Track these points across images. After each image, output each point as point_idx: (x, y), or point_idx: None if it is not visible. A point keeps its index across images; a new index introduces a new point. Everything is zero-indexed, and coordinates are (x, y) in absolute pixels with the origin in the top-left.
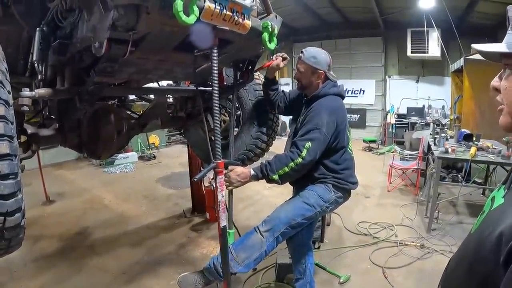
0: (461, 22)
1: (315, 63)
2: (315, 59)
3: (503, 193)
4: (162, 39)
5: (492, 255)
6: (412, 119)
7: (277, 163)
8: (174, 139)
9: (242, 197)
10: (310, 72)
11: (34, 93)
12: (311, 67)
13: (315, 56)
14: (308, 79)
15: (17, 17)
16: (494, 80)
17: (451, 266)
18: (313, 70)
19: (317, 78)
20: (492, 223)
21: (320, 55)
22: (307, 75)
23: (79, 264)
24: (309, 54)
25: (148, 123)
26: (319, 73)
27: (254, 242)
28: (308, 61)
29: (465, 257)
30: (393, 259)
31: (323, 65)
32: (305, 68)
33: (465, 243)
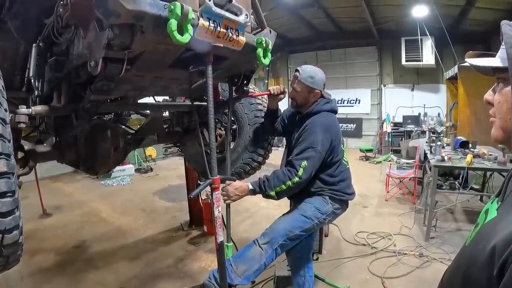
0: (454, 29)
1: (312, 83)
2: (312, 79)
3: (496, 206)
4: (157, 57)
5: (486, 269)
6: (408, 127)
7: (275, 181)
8: (171, 151)
9: (239, 210)
10: (306, 92)
11: (30, 110)
12: (308, 87)
13: (312, 76)
14: (304, 99)
15: (14, 33)
16: (488, 94)
17: (446, 278)
18: (310, 90)
19: (313, 97)
20: (485, 236)
21: (317, 75)
22: (303, 94)
23: (76, 278)
24: (306, 74)
25: (144, 139)
26: (315, 93)
27: (253, 254)
28: (306, 81)
29: (459, 269)
30: (392, 268)
31: (319, 85)
32: (302, 88)
33: (460, 256)
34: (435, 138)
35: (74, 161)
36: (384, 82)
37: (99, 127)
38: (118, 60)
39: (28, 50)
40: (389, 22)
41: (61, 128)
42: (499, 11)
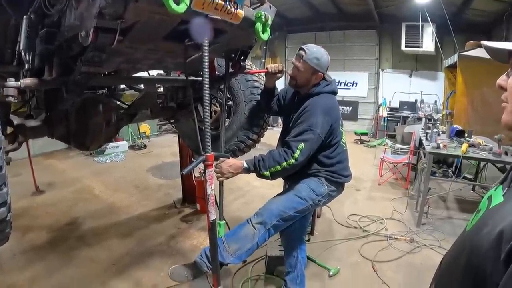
0: (456, 18)
1: (317, 65)
2: (318, 60)
3: (502, 192)
4: (152, 28)
5: (492, 252)
6: (404, 113)
7: (270, 161)
8: (165, 129)
9: (232, 188)
10: (309, 73)
11: (19, 83)
12: (312, 68)
13: (318, 58)
14: (306, 80)
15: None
16: (501, 79)
17: (445, 264)
18: (314, 71)
19: (315, 79)
20: (491, 220)
21: (323, 57)
22: (305, 75)
23: (69, 255)
24: (312, 54)
25: (137, 114)
26: (318, 75)
27: (246, 233)
28: (311, 62)
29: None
30: (383, 252)
31: (323, 68)
32: (305, 68)
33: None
34: (432, 125)
35: (65, 136)
36: (382, 67)
37: (90, 101)
38: (110, 30)
39: (19, 23)
40: (391, 6)
41: (52, 102)
42: (502, 2)
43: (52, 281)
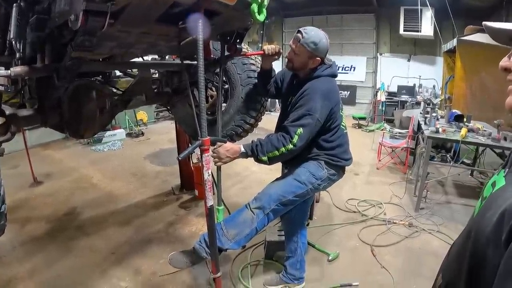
0: (455, 2)
1: (314, 50)
2: (315, 45)
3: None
4: (144, 10)
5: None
6: (403, 98)
7: (268, 145)
8: (162, 115)
9: (230, 174)
10: (306, 57)
11: (9, 71)
12: (309, 52)
13: (315, 42)
14: (302, 64)
15: None
16: (503, 60)
17: (454, 251)
18: (310, 55)
19: (312, 63)
20: (494, 203)
21: (321, 41)
22: (302, 59)
23: (68, 245)
24: (309, 38)
25: (132, 99)
26: (315, 60)
27: (245, 218)
28: (307, 46)
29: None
30: (382, 237)
31: (322, 52)
32: (301, 52)
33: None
34: (431, 109)
35: (58, 125)
36: (380, 51)
37: (83, 88)
38: (100, 13)
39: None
40: None
41: (44, 90)
42: None
43: (52, 271)
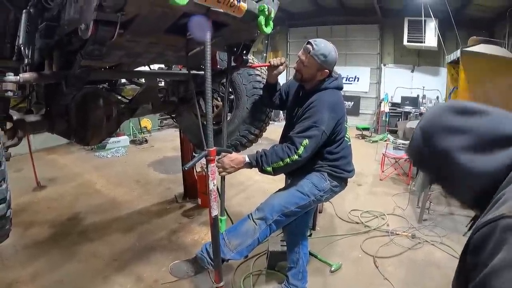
0: (459, 13)
1: (323, 62)
2: (325, 58)
3: None
4: (153, 21)
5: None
6: (406, 108)
7: (273, 156)
8: (166, 123)
9: (233, 183)
10: (314, 69)
11: (18, 77)
12: (318, 64)
13: (325, 55)
14: (311, 75)
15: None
16: None
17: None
18: (319, 67)
19: (320, 75)
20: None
21: (330, 53)
22: (310, 71)
23: (71, 251)
24: (319, 50)
25: (138, 108)
26: (324, 72)
27: (247, 229)
28: (317, 59)
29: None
30: (384, 248)
31: (330, 65)
32: (311, 64)
33: None
34: None
35: (65, 131)
36: (384, 62)
37: (91, 95)
38: (110, 23)
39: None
40: (394, 1)
41: (52, 97)
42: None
43: (54, 276)
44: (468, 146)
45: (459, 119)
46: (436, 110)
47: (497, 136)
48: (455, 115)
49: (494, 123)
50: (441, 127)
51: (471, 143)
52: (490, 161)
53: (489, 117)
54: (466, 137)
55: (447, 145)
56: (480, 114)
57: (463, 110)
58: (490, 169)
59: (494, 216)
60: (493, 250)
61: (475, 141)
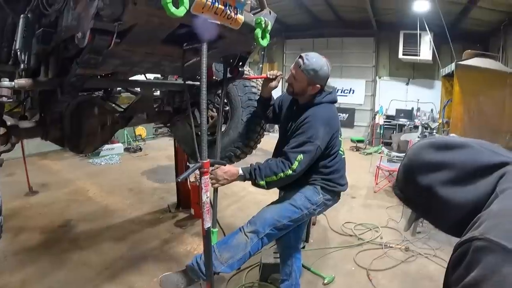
0: (454, 27)
1: (314, 77)
2: (315, 72)
3: None
4: (150, 31)
5: None
6: (401, 121)
7: (267, 170)
8: (161, 131)
9: (227, 193)
10: (305, 83)
11: (13, 83)
12: (309, 79)
13: (315, 70)
14: (302, 89)
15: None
16: None
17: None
18: (310, 82)
19: (311, 90)
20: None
21: (322, 69)
22: (301, 85)
23: (61, 258)
24: (309, 66)
25: (133, 117)
26: (315, 87)
27: (238, 242)
28: (307, 74)
29: None
30: (378, 261)
31: (321, 80)
32: (301, 78)
33: None
34: (428, 133)
35: (59, 139)
36: (379, 74)
37: (85, 103)
38: (107, 32)
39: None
40: (389, 14)
41: (46, 103)
42: (500, 13)
43: (43, 284)
44: (450, 180)
45: (439, 155)
46: (416, 148)
47: (478, 167)
48: (435, 151)
49: (474, 155)
50: (422, 164)
51: (452, 177)
52: (472, 191)
53: (469, 150)
54: (447, 171)
55: (429, 182)
56: (460, 147)
57: (443, 146)
58: (473, 198)
59: (468, 238)
60: (466, 269)
61: (457, 174)
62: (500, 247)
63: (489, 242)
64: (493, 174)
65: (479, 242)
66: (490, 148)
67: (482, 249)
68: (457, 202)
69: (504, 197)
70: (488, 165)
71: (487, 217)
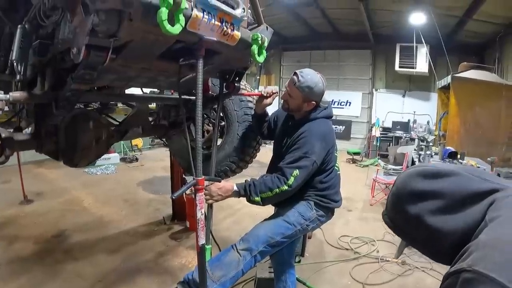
0: (450, 39)
1: (309, 94)
2: (310, 89)
3: None
4: (146, 47)
5: None
6: (397, 133)
7: (262, 186)
8: (157, 142)
9: (222, 206)
10: (300, 100)
11: (8, 96)
12: (303, 96)
13: (310, 87)
14: (297, 106)
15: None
16: None
17: None
18: (305, 99)
19: (307, 106)
20: None
21: (317, 86)
22: (296, 102)
23: (55, 269)
24: (304, 82)
25: (128, 131)
26: (310, 103)
27: (230, 260)
28: (302, 91)
29: None
30: (374, 275)
31: (317, 97)
32: (296, 95)
33: None
34: (424, 146)
35: (53, 152)
36: (376, 86)
37: (81, 117)
38: (102, 48)
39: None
40: (386, 27)
41: (41, 116)
42: (495, 25)
43: None
44: (439, 209)
45: (427, 184)
46: (405, 177)
47: (467, 194)
48: (423, 180)
49: (463, 182)
50: (410, 193)
51: (441, 206)
52: (462, 218)
53: (458, 177)
54: (436, 200)
55: (417, 211)
56: (448, 175)
57: (431, 174)
58: (463, 226)
59: (456, 269)
60: None
61: (446, 203)
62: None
63: (477, 274)
64: (482, 202)
65: (467, 274)
66: (479, 175)
67: (470, 281)
68: (446, 231)
69: (492, 226)
70: (477, 192)
71: (476, 248)
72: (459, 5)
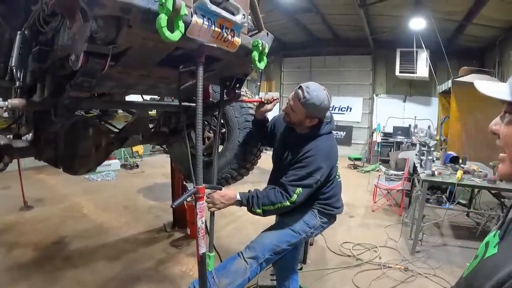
0: (450, 43)
1: (314, 111)
2: (316, 107)
3: (496, 241)
4: (145, 54)
5: None
6: (398, 138)
7: (265, 200)
8: (158, 149)
9: (224, 213)
10: (303, 116)
11: (6, 103)
12: (308, 113)
13: (316, 104)
14: (299, 121)
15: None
16: (493, 124)
17: None
18: (308, 115)
19: (309, 122)
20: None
21: (322, 103)
22: (299, 117)
23: (54, 276)
24: (310, 99)
25: (128, 138)
26: (313, 120)
27: (237, 268)
28: (307, 107)
29: None
30: (377, 282)
31: (321, 114)
32: (299, 111)
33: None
34: (426, 151)
35: (52, 159)
36: (376, 92)
37: (80, 124)
38: (101, 55)
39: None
40: (386, 33)
41: (40, 123)
42: (495, 28)
43: None
44: None
45: None
46: None
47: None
48: None
49: None
50: None
51: None
52: None
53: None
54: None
55: None
56: None
57: None
58: None
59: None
60: None
61: None
62: None
63: None
64: None
65: None
66: None
67: None
68: None
69: None
70: None
71: None
72: (458, 10)
